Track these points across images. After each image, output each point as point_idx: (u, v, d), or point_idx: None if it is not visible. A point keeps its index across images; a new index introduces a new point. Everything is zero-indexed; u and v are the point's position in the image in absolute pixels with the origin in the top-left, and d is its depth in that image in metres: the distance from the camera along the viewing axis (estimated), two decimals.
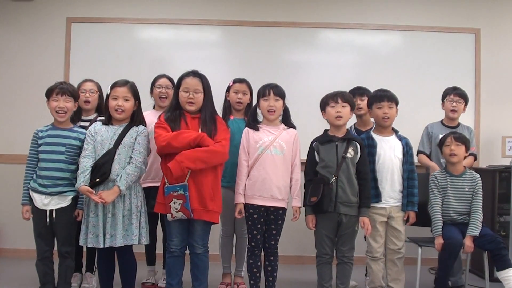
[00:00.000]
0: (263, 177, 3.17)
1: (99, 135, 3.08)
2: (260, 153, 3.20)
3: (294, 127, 3.36)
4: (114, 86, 3.12)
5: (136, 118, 3.15)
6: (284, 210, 3.23)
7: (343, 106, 3.17)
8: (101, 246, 2.99)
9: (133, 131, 3.10)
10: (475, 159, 4.00)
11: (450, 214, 3.44)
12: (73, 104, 3.18)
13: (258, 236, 3.24)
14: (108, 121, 3.13)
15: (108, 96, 3.12)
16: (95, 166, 3.01)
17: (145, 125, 3.19)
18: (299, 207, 3.24)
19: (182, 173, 2.91)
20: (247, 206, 3.23)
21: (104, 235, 2.99)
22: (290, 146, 3.25)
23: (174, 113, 3.08)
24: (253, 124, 3.30)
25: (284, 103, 3.29)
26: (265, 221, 3.24)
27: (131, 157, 3.05)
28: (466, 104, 3.92)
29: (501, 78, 4.82)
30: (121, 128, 3.09)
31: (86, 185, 2.96)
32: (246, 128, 3.31)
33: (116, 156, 3.03)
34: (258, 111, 3.33)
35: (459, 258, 3.60)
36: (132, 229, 3.03)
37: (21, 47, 4.77)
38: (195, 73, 3.10)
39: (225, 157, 3.06)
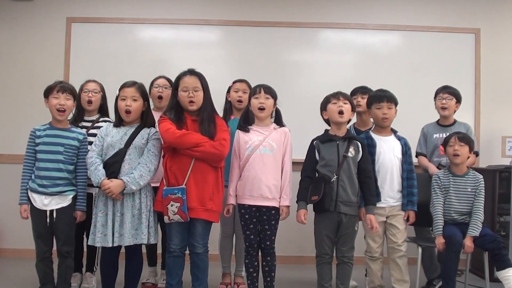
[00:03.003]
0: (252, 177, 3.17)
1: (110, 137, 3.09)
2: (249, 153, 3.19)
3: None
4: (122, 87, 3.12)
5: (147, 119, 3.15)
6: (276, 209, 3.21)
7: (344, 103, 3.17)
8: (110, 245, 2.98)
9: (145, 132, 3.10)
10: (477, 155, 3.91)
11: (451, 214, 3.43)
12: (73, 102, 3.19)
13: (252, 236, 3.23)
14: (119, 122, 3.14)
15: (117, 97, 3.12)
16: (105, 164, 3.02)
17: (155, 126, 3.17)
18: (287, 206, 3.21)
19: (174, 139, 2.93)
20: (239, 206, 3.24)
21: (113, 234, 2.99)
22: (281, 145, 3.23)
23: (176, 116, 3.05)
24: (244, 126, 3.29)
25: (275, 103, 3.28)
26: (259, 222, 3.23)
27: (144, 159, 3.04)
28: (458, 101, 3.87)
29: (501, 78, 4.82)
30: (132, 129, 3.10)
31: (105, 179, 2.97)
32: (237, 130, 3.31)
33: (126, 157, 3.03)
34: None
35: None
36: (142, 228, 3.03)
37: (21, 47, 4.76)
38: (191, 72, 3.09)
39: (220, 158, 3.04)
